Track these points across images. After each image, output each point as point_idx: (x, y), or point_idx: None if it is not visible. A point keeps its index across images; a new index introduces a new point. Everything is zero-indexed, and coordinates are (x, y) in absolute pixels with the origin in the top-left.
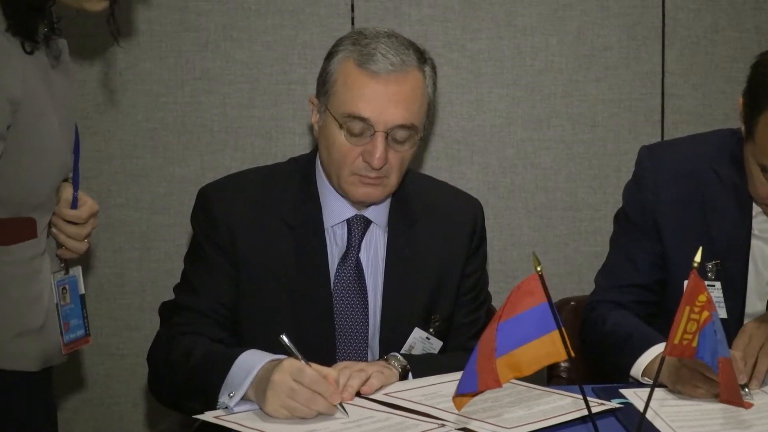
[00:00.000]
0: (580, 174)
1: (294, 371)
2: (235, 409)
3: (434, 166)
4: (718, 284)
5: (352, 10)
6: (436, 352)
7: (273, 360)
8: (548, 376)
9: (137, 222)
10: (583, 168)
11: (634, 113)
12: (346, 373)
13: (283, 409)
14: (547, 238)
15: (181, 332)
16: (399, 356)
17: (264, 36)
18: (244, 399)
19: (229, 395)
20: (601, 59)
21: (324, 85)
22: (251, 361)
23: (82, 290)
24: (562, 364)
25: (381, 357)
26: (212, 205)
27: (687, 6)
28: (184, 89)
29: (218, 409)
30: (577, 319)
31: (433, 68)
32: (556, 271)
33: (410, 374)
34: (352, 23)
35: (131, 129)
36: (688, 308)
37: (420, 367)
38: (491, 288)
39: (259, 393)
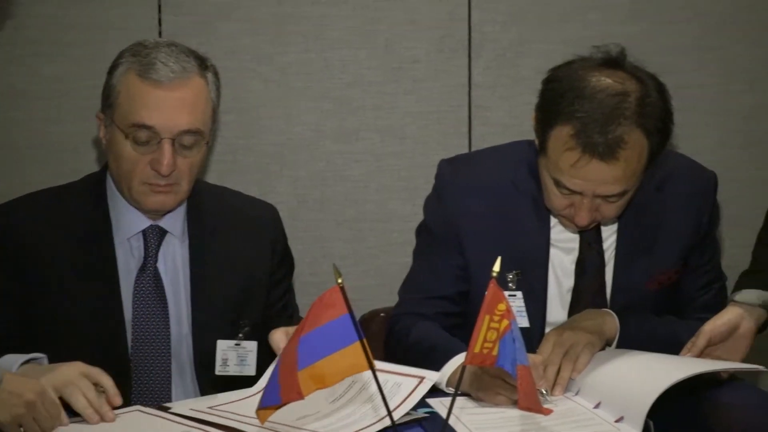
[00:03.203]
0: (390, 186)
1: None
2: None
3: (244, 180)
4: (519, 294)
5: (160, 25)
6: (253, 353)
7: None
8: None
9: None
10: (392, 180)
11: (442, 125)
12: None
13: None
14: (358, 250)
15: None
16: None
17: (72, 50)
18: None
19: None
20: (409, 72)
21: (108, 99)
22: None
23: None
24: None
25: (197, 369)
26: None
27: (493, 19)
28: None
29: None
30: None
31: (216, 75)
32: (367, 282)
33: None
34: (160, 37)
35: None
36: (487, 317)
37: None
38: (304, 300)
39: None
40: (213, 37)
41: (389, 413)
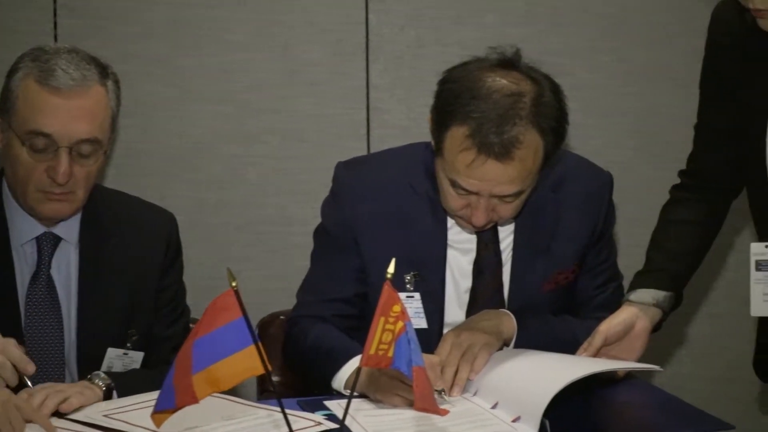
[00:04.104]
0: (289, 189)
1: None
2: None
3: (142, 183)
4: (417, 295)
5: (56, 28)
6: (138, 365)
7: None
8: (258, 390)
9: None
10: (291, 183)
11: (340, 128)
12: (42, 393)
13: None
14: (257, 253)
15: None
16: (102, 374)
17: None
18: None
19: None
20: (307, 75)
21: (6, 103)
22: None
23: None
24: (273, 378)
25: (81, 376)
26: None
27: (391, 22)
28: None
29: None
30: None
31: (116, 83)
32: (267, 286)
33: (115, 392)
34: (56, 41)
35: None
36: (382, 319)
37: (125, 384)
38: (201, 305)
39: None
40: (109, 40)
41: (285, 418)
